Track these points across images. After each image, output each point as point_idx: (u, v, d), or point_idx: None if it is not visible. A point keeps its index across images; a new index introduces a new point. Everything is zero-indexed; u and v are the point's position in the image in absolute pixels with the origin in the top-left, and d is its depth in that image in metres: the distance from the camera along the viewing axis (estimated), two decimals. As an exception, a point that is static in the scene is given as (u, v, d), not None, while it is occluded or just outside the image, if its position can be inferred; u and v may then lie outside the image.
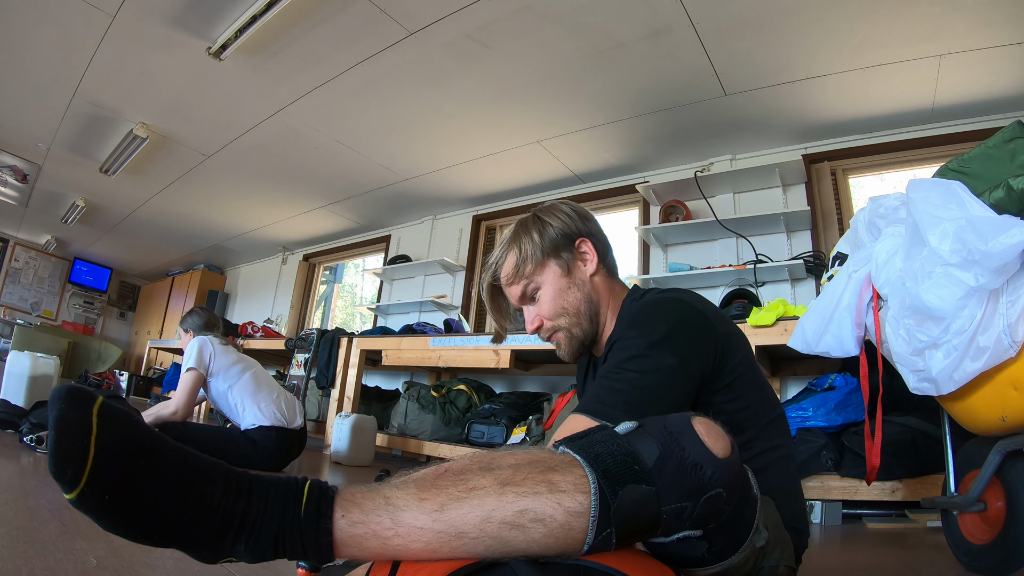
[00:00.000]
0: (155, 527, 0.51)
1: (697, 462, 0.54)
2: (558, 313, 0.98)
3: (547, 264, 0.98)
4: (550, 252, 0.98)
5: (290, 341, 4.31)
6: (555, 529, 0.52)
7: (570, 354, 1.01)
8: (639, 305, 0.91)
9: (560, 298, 0.98)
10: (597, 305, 0.99)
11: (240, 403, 2.46)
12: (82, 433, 0.49)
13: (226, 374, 2.48)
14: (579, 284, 0.99)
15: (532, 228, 1.00)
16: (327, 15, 2.52)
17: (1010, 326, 1.09)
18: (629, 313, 0.92)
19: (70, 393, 0.51)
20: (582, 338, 0.99)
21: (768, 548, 0.67)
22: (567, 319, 0.98)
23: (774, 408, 0.92)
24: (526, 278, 0.98)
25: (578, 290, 0.99)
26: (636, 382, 0.78)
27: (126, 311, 8.40)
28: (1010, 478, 1.21)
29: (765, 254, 3.17)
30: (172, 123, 3.70)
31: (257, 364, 2.66)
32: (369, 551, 0.55)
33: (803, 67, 2.63)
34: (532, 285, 0.99)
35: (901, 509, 2.04)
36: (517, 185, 4.22)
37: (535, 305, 1.00)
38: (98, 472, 0.49)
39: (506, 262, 1.01)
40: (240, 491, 0.55)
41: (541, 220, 1.01)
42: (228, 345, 2.60)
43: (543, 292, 0.98)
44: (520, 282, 0.99)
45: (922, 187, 1.25)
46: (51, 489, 1.51)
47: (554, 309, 0.98)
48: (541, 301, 0.99)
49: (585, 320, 0.98)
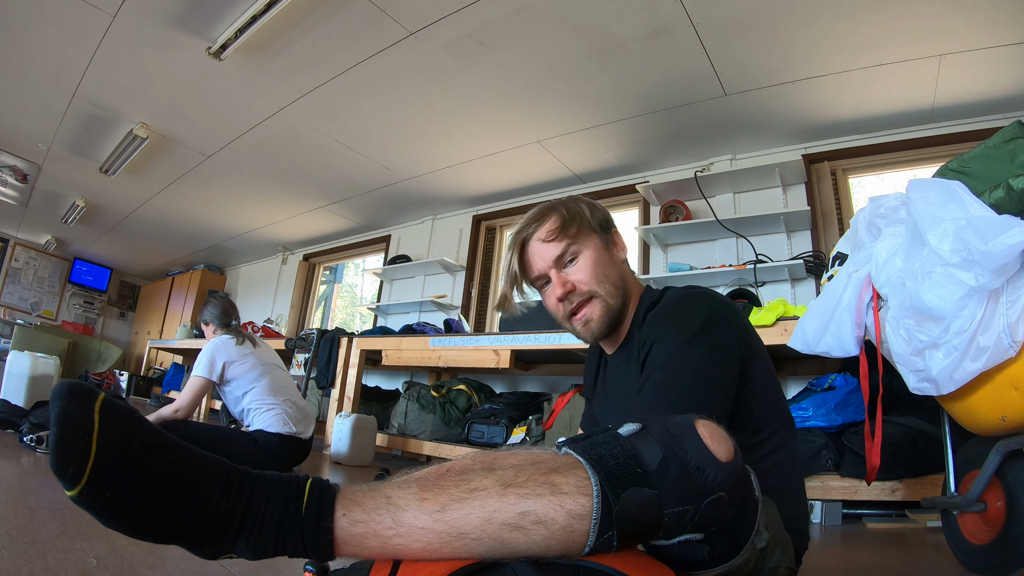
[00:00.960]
0: (156, 524, 0.51)
1: (700, 465, 0.54)
2: (599, 279, 0.95)
3: (591, 235, 0.97)
4: (597, 226, 0.98)
5: (290, 341, 4.31)
6: (556, 531, 0.52)
7: (601, 327, 0.96)
8: (669, 302, 0.91)
9: (602, 266, 0.96)
10: (628, 289, 0.99)
11: (252, 408, 2.42)
12: (84, 430, 0.49)
13: (241, 380, 2.43)
14: (616, 264, 1.00)
15: (580, 203, 1.00)
16: (327, 15, 2.52)
17: (1010, 326, 1.09)
18: (667, 307, 0.91)
19: (72, 390, 0.51)
20: (617, 311, 0.96)
21: (769, 549, 0.67)
22: (607, 287, 0.95)
23: (785, 408, 0.93)
24: (570, 239, 0.95)
25: (617, 268, 0.99)
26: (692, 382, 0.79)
27: (126, 311, 8.40)
28: (1010, 478, 1.21)
29: (765, 254, 3.17)
30: (172, 123, 3.70)
31: (277, 364, 2.58)
32: (369, 550, 0.55)
33: (803, 67, 2.63)
34: (574, 247, 0.96)
35: (901, 509, 2.04)
36: (517, 185, 4.22)
37: (568, 270, 0.96)
38: (100, 469, 0.49)
39: (550, 220, 0.97)
40: (242, 488, 0.55)
41: (586, 202, 1.01)
42: (246, 344, 2.52)
43: (583, 258, 0.96)
44: (562, 241, 0.95)
45: (922, 187, 1.25)
46: (51, 489, 1.51)
47: (596, 274, 0.95)
48: (579, 267, 0.95)
49: (620, 295, 0.97)
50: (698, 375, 0.79)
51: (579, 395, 2.76)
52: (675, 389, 0.78)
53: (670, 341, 0.84)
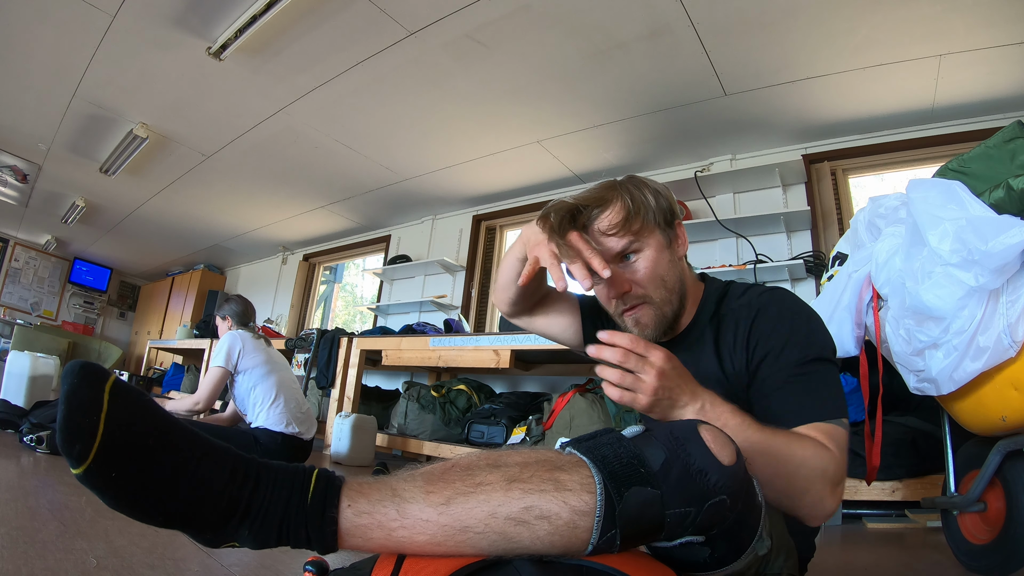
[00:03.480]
0: (160, 507, 0.51)
1: (703, 468, 0.54)
2: (656, 284, 0.88)
3: (654, 232, 0.89)
4: (660, 221, 0.90)
5: (290, 341, 4.31)
6: (560, 527, 0.52)
7: (654, 331, 0.90)
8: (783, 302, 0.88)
9: (662, 268, 0.89)
10: (685, 289, 0.93)
11: (258, 404, 2.46)
12: (92, 410, 0.49)
13: (251, 373, 2.48)
14: (676, 262, 0.92)
15: (645, 189, 0.91)
16: (327, 15, 2.52)
17: (1010, 326, 1.09)
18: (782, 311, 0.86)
19: (83, 369, 0.51)
20: (670, 318, 0.91)
21: (771, 556, 0.67)
22: (662, 293, 0.89)
23: None
24: (632, 234, 0.87)
25: (675, 267, 0.91)
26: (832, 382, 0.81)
27: (126, 311, 8.40)
28: (1010, 478, 1.21)
29: (765, 254, 3.17)
30: (172, 123, 3.70)
31: (284, 366, 2.63)
32: (373, 542, 0.55)
33: (803, 67, 2.63)
34: (636, 244, 0.88)
35: (901, 509, 2.04)
36: (517, 185, 4.22)
37: (626, 266, 0.89)
38: (106, 449, 0.49)
39: (613, 209, 0.88)
40: (247, 476, 0.55)
41: (651, 187, 0.92)
42: (260, 340, 2.60)
43: (644, 256, 0.88)
44: (625, 236, 0.87)
45: (922, 187, 1.25)
46: (51, 489, 1.51)
47: (651, 276, 0.88)
48: (639, 266, 0.88)
49: (676, 299, 0.91)
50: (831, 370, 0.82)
51: (579, 395, 2.76)
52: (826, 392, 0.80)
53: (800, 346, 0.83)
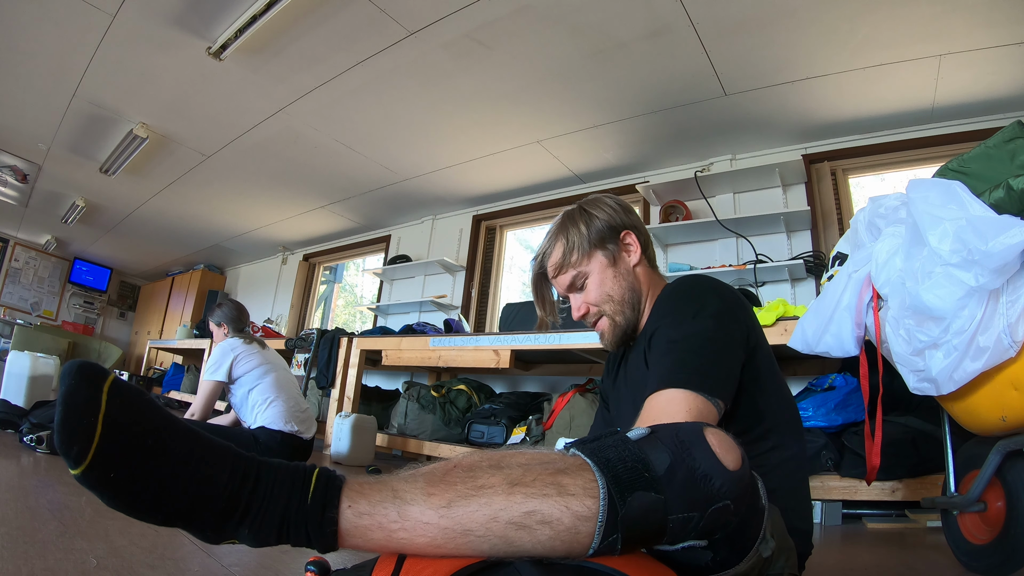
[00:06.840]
0: (160, 506, 0.51)
1: (707, 473, 0.54)
2: (603, 300, 1.02)
3: (594, 255, 1.03)
4: (596, 243, 1.03)
5: (290, 341, 4.31)
6: (561, 532, 0.52)
7: (613, 341, 1.04)
8: (670, 287, 0.94)
9: (605, 286, 1.02)
10: (639, 294, 1.03)
11: (256, 405, 2.45)
12: (90, 410, 0.49)
13: (248, 377, 2.47)
14: (623, 274, 1.03)
15: (579, 220, 1.04)
16: (327, 15, 2.52)
17: (1010, 326, 1.09)
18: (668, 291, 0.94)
19: (82, 369, 0.51)
20: (624, 326, 1.02)
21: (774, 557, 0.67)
22: (611, 306, 1.01)
23: (790, 407, 0.93)
24: (573, 267, 1.03)
25: (623, 279, 1.03)
26: (701, 349, 0.79)
27: (126, 311, 8.40)
28: (1010, 478, 1.21)
29: (765, 254, 3.17)
30: (172, 123, 3.70)
31: (282, 366, 2.62)
32: (373, 543, 0.55)
33: (803, 67, 2.63)
34: (579, 274, 1.03)
35: (901, 509, 2.04)
36: (517, 185, 4.22)
37: (582, 293, 1.04)
38: (104, 450, 0.49)
39: (554, 252, 1.05)
40: (248, 474, 0.55)
41: (587, 212, 1.04)
42: (253, 343, 2.58)
43: (590, 280, 1.02)
44: (568, 272, 1.03)
45: (922, 187, 1.24)
46: (51, 489, 1.51)
47: (600, 296, 1.02)
48: (588, 289, 1.03)
49: (628, 308, 1.02)
50: (707, 344, 0.80)
51: (579, 395, 2.76)
52: (684, 359, 0.78)
53: (674, 320, 0.85)
